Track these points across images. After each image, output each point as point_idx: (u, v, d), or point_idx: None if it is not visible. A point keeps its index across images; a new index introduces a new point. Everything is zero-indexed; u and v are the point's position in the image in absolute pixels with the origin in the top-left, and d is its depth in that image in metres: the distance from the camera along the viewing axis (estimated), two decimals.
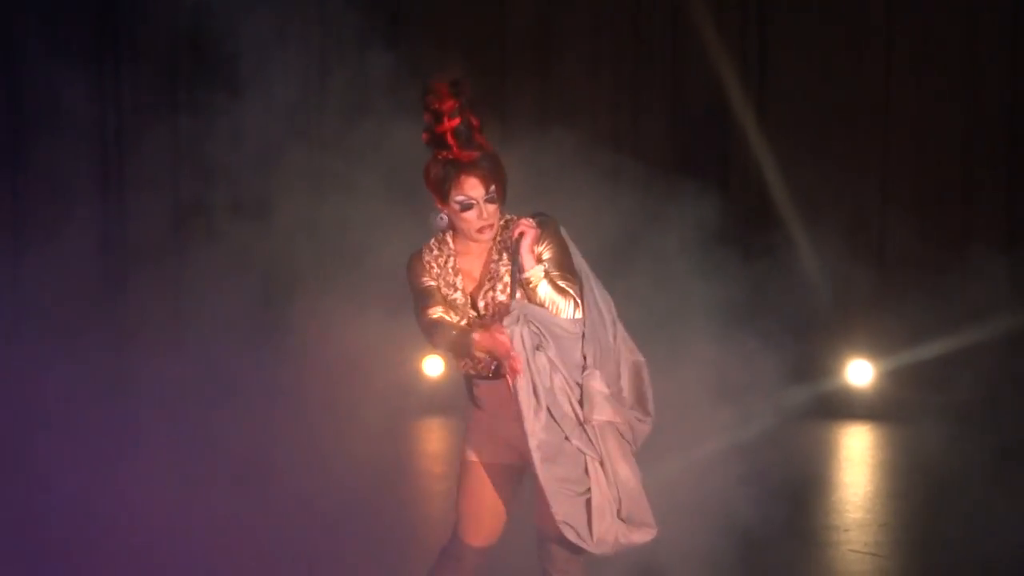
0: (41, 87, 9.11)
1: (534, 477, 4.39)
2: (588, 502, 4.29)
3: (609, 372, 4.41)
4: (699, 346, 7.60)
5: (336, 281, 8.56)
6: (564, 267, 4.39)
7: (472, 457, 4.57)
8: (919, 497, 7.31)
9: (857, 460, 8.30)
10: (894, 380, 8.91)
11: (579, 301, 4.37)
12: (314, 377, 8.36)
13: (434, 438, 8.71)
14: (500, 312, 4.39)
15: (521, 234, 4.35)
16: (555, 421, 4.29)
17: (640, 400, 4.45)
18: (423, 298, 4.51)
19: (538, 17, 9.46)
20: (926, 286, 8.64)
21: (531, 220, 4.38)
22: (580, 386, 4.33)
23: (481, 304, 4.44)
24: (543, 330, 4.30)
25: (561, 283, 4.36)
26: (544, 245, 4.39)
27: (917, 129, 9.01)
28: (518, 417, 4.32)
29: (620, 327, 4.47)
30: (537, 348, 4.28)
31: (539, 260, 4.36)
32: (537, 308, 4.33)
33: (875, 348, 8.89)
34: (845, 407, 8.90)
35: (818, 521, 6.93)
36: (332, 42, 9.33)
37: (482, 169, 4.35)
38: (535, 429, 4.25)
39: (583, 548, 4.32)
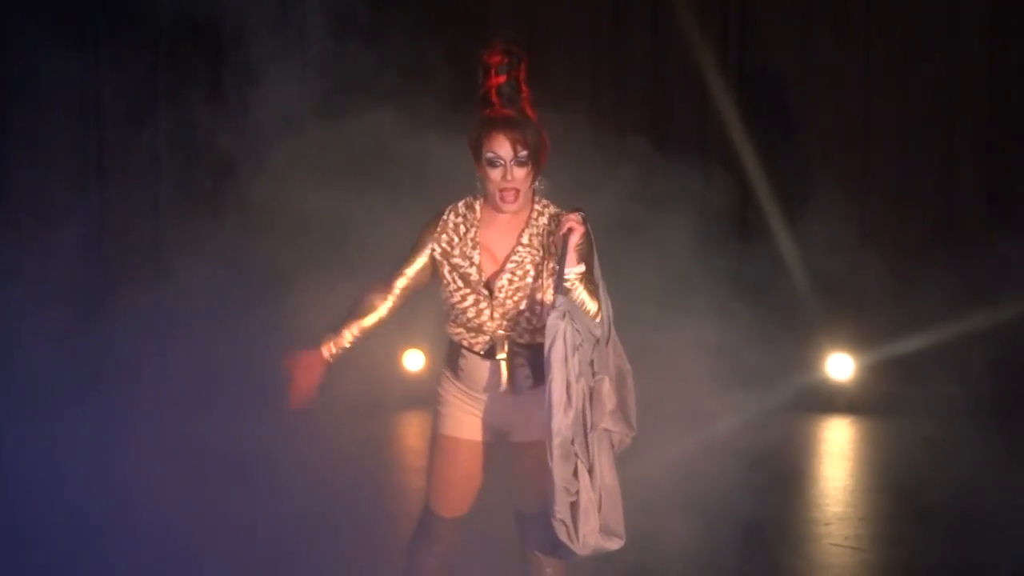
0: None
1: (518, 462, 4.44)
2: (574, 505, 4.26)
3: (613, 386, 4.40)
4: (676, 339, 7.60)
5: (316, 272, 8.53)
6: (591, 270, 4.38)
7: (444, 431, 4.55)
8: (899, 491, 7.31)
9: (837, 454, 8.30)
10: (875, 374, 8.91)
11: (600, 307, 4.35)
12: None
13: (413, 432, 8.69)
14: (517, 298, 4.38)
15: (570, 229, 4.31)
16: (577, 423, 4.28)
17: (623, 408, 4.41)
18: (411, 255, 4.51)
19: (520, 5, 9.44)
20: (907, 280, 8.65)
21: (580, 216, 4.33)
22: (591, 390, 4.30)
23: (498, 287, 4.40)
24: (581, 330, 4.27)
25: (590, 286, 4.35)
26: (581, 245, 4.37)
27: (899, 121, 9.01)
28: (500, 400, 4.38)
29: (614, 333, 4.45)
30: (577, 348, 4.24)
31: (580, 259, 4.33)
32: (578, 309, 4.30)
33: (855, 342, 8.90)
34: (825, 401, 8.91)
35: (798, 515, 6.93)
36: (315, 30, 9.30)
37: (516, 130, 4.32)
38: (562, 427, 4.22)
39: (569, 548, 4.29)
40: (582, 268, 4.32)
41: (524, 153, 4.33)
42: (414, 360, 9.06)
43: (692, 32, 9.07)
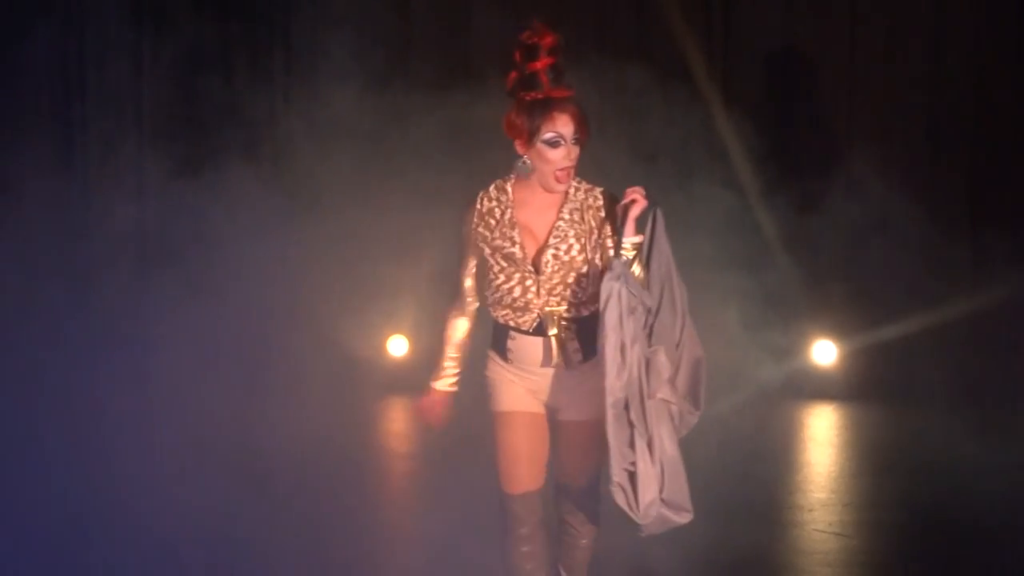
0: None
1: (565, 441, 4.52)
2: (632, 475, 4.30)
3: (670, 358, 4.44)
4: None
5: (303, 259, 8.52)
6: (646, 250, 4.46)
7: (502, 407, 4.59)
8: (883, 477, 7.32)
9: (822, 440, 8.30)
10: (859, 360, 8.91)
11: (647, 280, 4.42)
12: (277, 355, 8.31)
13: (398, 417, 8.67)
14: (563, 273, 4.44)
15: (633, 201, 4.38)
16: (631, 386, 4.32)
17: (693, 393, 4.49)
18: (462, 254, 4.59)
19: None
20: (892, 266, 8.65)
21: (642, 190, 4.40)
22: (647, 360, 4.36)
23: (544, 262, 4.46)
24: (635, 295, 4.33)
25: (641, 259, 4.43)
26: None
27: (884, 105, 9.00)
28: (551, 376, 4.46)
29: (688, 320, 4.50)
30: (632, 311, 4.29)
31: (637, 231, 4.41)
32: (631, 275, 4.36)
33: (840, 328, 8.89)
34: (810, 387, 8.90)
35: (782, 500, 6.93)
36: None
37: (574, 107, 4.42)
38: (615, 387, 4.27)
39: (630, 516, 4.33)
40: (639, 238, 4.40)
41: (581, 130, 4.43)
42: (398, 346, 9.04)
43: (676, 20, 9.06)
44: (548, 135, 4.40)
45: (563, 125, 4.40)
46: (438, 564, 5.76)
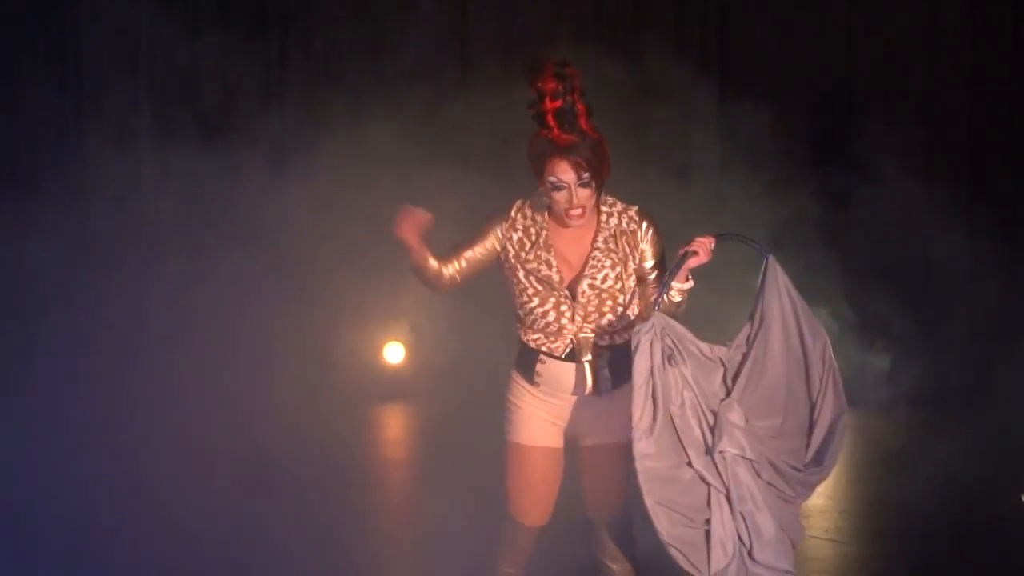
0: None
1: (592, 465, 4.41)
2: (707, 533, 4.17)
3: (791, 425, 4.29)
4: None
5: (298, 266, 8.51)
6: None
7: (518, 439, 4.49)
8: (879, 484, 7.32)
9: None
10: (851, 367, 8.90)
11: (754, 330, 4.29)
12: (274, 363, 8.30)
13: (394, 425, 8.67)
14: (598, 301, 4.35)
15: (695, 253, 4.28)
16: (680, 442, 4.16)
17: (820, 451, 4.30)
18: (472, 239, 4.44)
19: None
20: (883, 271, 8.65)
21: (711, 244, 4.30)
22: (715, 414, 4.21)
23: (579, 291, 4.37)
24: (679, 345, 4.19)
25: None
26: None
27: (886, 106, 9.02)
28: (580, 403, 4.37)
29: (836, 375, 4.36)
30: (670, 360, 4.16)
31: (688, 278, 4.32)
32: (678, 324, 4.25)
33: (831, 334, 8.87)
34: None
35: None
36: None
37: (578, 155, 4.27)
38: (642, 450, 4.11)
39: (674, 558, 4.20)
40: (691, 285, 4.32)
41: (587, 175, 4.29)
42: (394, 353, 9.03)
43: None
44: (551, 179, 4.31)
45: (563, 172, 4.28)
46: (431, 569, 5.76)
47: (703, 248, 4.30)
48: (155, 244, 8.87)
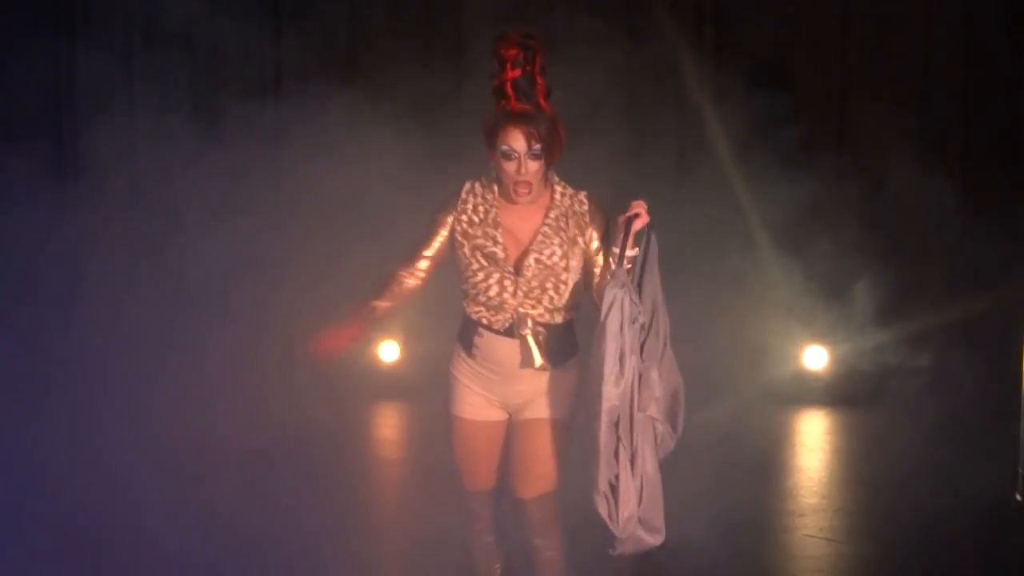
0: None
1: (524, 440, 4.51)
2: (614, 488, 4.31)
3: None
4: None
5: (292, 263, 8.50)
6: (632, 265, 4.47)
7: (459, 413, 4.64)
8: (874, 482, 7.32)
9: (812, 445, 8.30)
10: (849, 366, 8.90)
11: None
12: (267, 361, 8.29)
13: (388, 423, 8.66)
14: (542, 277, 4.45)
15: (637, 215, 4.36)
16: (630, 397, 4.32)
17: (672, 419, 4.47)
18: (430, 233, 4.58)
19: None
20: (882, 271, 8.65)
21: (644, 204, 4.38)
22: (641, 373, 4.35)
23: (525, 265, 4.48)
24: (637, 308, 4.33)
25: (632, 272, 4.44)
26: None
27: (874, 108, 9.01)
28: (513, 378, 4.48)
29: (669, 349, 4.50)
30: (633, 321, 4.30)
31: (634, 245, 4.39)
32: (633, 285, 4.36)
33: (831, 334, 8.89)
34: (801, 392, 8.89)
35: (773, 506, 6.93)
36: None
37: (531, 124, 4.39)
38: (611, 395, 4.28)
39: (609, 527, 4.33)
40: (636, 252, 4.39)
41: (538, 147, 4.41)
42: (389, 351, 9.02)
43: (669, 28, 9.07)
44: (502, 147, 4.41)
45: (514, 139, 4.39)
46: (426, 569, 5.75)
47: (642, 209, 4.38)
48: (138, 244, 8.87)
